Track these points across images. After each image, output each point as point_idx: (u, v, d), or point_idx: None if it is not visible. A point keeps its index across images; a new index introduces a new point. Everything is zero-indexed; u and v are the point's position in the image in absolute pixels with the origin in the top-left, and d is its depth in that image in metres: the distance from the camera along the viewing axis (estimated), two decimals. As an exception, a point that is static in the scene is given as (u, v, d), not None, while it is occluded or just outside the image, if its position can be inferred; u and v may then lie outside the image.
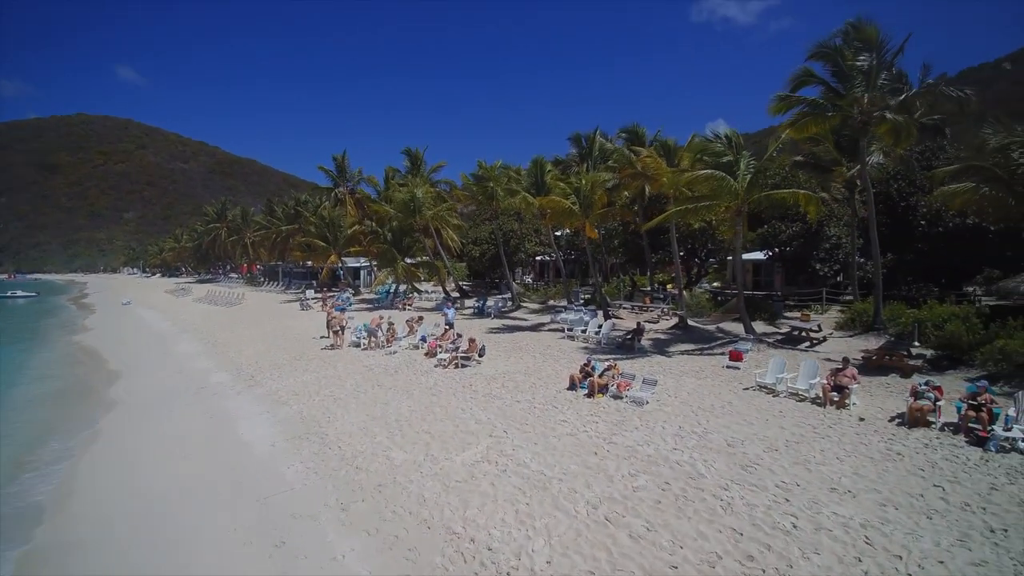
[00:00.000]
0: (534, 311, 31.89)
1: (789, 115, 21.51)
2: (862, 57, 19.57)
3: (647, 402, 13.94)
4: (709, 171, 18.22)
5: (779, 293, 35.31)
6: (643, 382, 14.53)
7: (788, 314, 28.25)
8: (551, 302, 33.53)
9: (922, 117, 24.43)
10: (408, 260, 39.59)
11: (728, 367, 17.62)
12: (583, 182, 23.41)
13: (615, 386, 14.67)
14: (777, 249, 30.16)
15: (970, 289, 30.68)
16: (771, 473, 10.28)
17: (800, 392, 14.63)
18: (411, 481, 10.47)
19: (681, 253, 33.86)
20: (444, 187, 43.74)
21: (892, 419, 13.11)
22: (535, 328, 25.85)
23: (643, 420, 13.02)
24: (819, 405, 13.98)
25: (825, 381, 14.25)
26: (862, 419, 13.10)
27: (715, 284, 41.98)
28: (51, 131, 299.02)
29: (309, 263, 57.10)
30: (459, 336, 20.30)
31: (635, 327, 21.03)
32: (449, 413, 14.09)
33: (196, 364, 22.69)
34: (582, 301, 31.68)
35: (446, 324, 22.73)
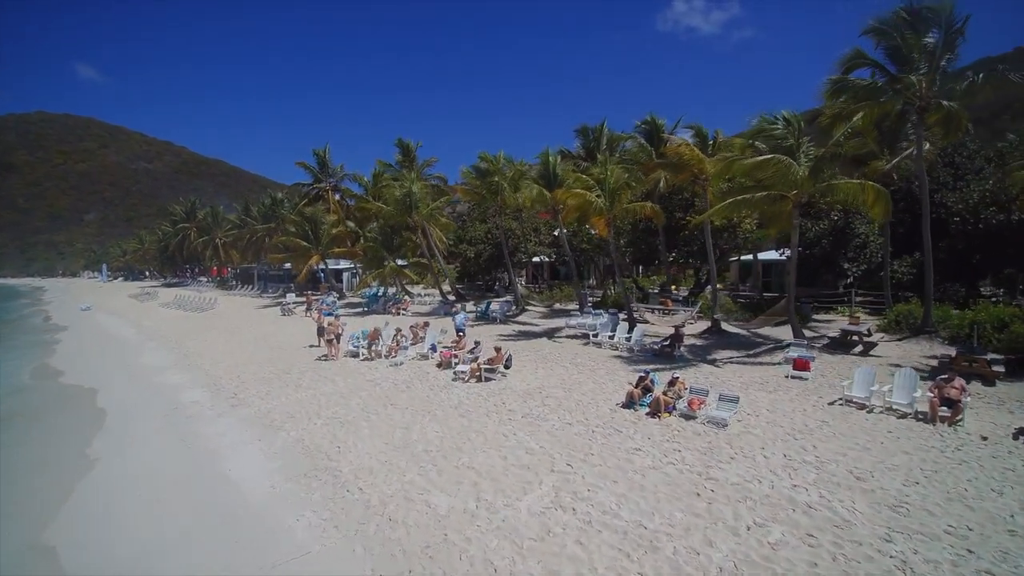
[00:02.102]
0: (541, 315, 29.42)
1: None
2: (930, 35, 17.69)
3: (727, 423, 11.58)
4: (774, 156, 16.09)
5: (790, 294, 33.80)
6: (719, 398, 12.18)
7: (816, 316, 26.48)
8: (557, 305, 31.11)
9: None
10: (399, 261, 36.71)
11: (793, 377, 15.42)
12: (608, 174, 21.10)
13: (686, 403, 12.28)
14: (801, 248, 28.21)
15: (988, 289, 29.47)
16: (930, 515, 8.10)
17: (899, 407, 12.46)
18: (468, 540, 7.88)
19: (683, 251, 31.95)
20: (437, 183, 40.94)
21: (1016, 436, 11.08)
22: (550, 334, 23.37)
23: (734, 447, 10.64)
24: (926, 422, 11.84)
25: (932, 395, 12.12)
26: (985, 438, 11.01)
27: (718, 286, 40.25)
28: (8, 130, 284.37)
29: (287, 265, 53.51)
30: (477, 344, 17.69)
31: (672, 333, 18.73)
32: (489, 440, 11.50)
33: (166, 378, 19.55)
34: (590, 304, 29.40)
35: (457, 331, 20.09)
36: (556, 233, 42.96)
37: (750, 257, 34.62)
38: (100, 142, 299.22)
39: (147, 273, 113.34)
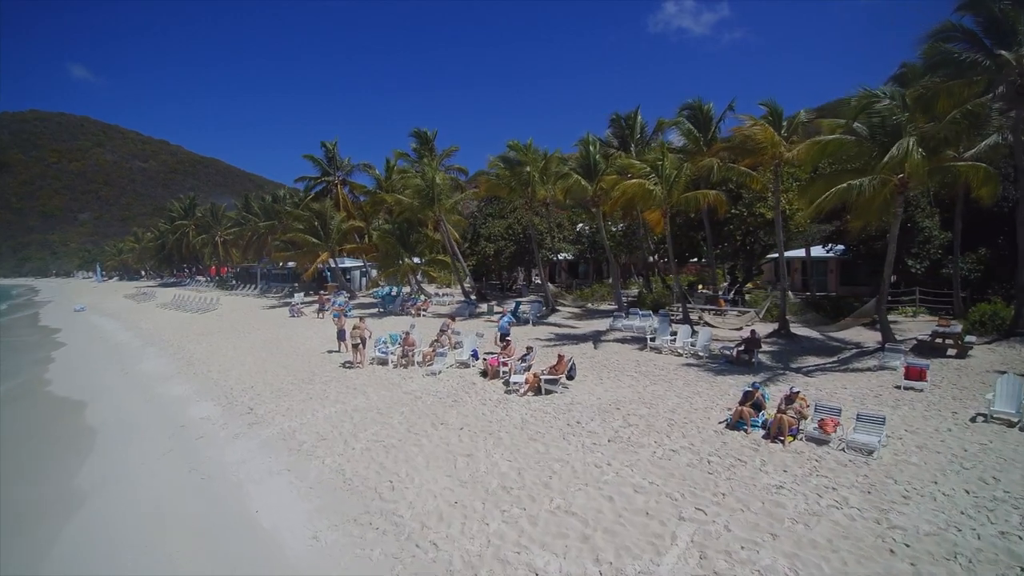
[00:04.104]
0: (575, 315, 27.16)
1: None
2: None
3: (877, 449, 9.36)
4: (904, 140, 13.79)
5: (834, 294, 31.76)
6: (859, 418, 9.95)
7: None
8: (589, 305, 28.86)
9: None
10: (415, 259, 34.32)
11: (905, 387, 13.23)
12: (666, 161, 18.89)
13: (815, 424, 10.06)
14: (859, 244, 26.11)
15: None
16: None
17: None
18: (608, 631, 5.63)
19: (726, 248, 29.82)
20: (457, 174, 38.65)
21: None
22: (596, 338, 21.11)
23: (900, 481, 8.44)
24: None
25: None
26: None
27: (748, 285, 38.19)
28: (2, 128, 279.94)
29: (291, 264, 51.10)
30: (529, 350, 15.43)
31: (747, 337, 16.51)
32: (580, 473, 9.24)
33: (169, 389, 17.22)
34: (625, 304, 27.17)
35: (501, 335, 17.81)
36: (578, 227, 40.85)
37: (786, 254, 32.49)
38: (94, 141, 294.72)
39: (143, 273, 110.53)
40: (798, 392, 10.70)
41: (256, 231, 55.73)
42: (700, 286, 39.20)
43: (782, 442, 9.93)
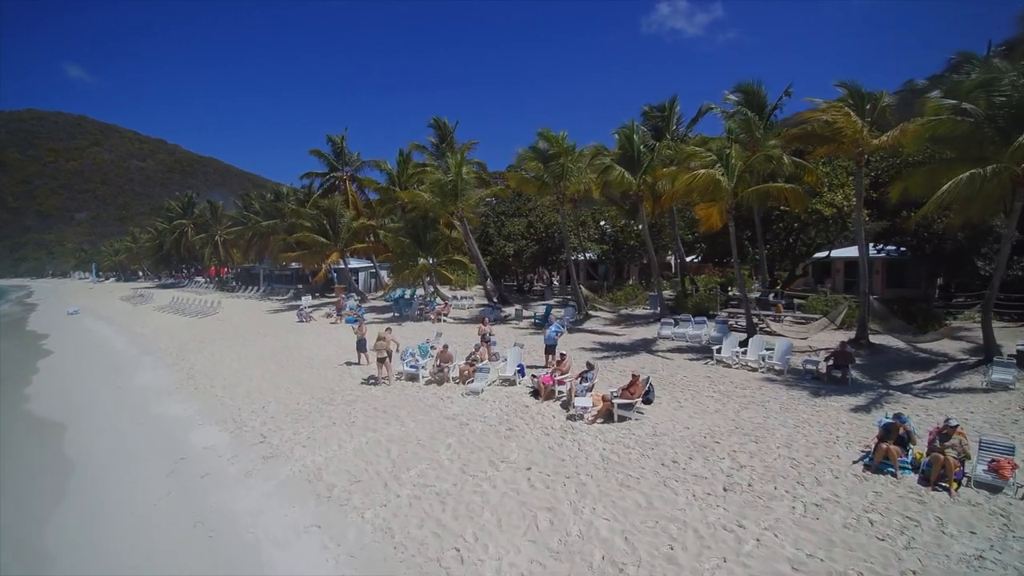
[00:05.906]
0: (610, 321, 24.98)
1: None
2: None
3: (1086, 507, 7.22)
4: None
5: (877, 297, 29.65)
6: (1050, 464, 7.80)
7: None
8: (623, 310, 26.67)
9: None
10: (431, 260, 32.07)
11: (1044, 413, 11.10)
12: (732, 150, 16.76)
13: (984, 467, 7.91)
14: (928, 243, 23.95)
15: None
16: None
17: None
18: None
19: (768, 248, 27.69)
20: (476, 168, 36.37)
21: None
22: (646, 347, 18.93)
23: None
24: None
25: None
26: None
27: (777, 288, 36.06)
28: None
29: (294, 264, 48.81)
30: (590, 367, 13.23)
31: (836, 349, 14.34)
32: (707, 540, 7.06)
33: (167, 408, 15.02)
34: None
35: (548, 346, 15.63)
36: (601, 224, 38.69)
37: (833, 254, 30.33)
38: (92, 140, 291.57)
39: (141, 274, 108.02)
40: (956, 425, 8.53)
41: (258, 230, 53.43)
42: (730, 288, 36.93)
43: (947, 490, 7.80)
